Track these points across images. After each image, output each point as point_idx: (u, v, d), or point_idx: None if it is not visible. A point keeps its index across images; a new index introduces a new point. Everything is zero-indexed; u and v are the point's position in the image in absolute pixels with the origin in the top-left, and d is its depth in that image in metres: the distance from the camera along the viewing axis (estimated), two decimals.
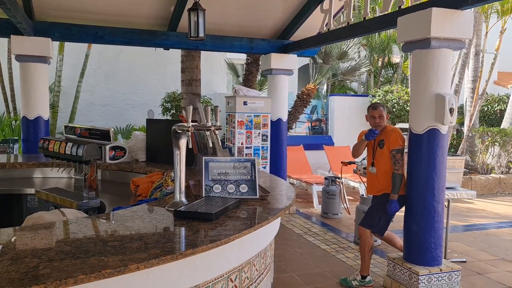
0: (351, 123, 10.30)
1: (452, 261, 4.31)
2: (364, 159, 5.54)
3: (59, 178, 4.13)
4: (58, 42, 8.83)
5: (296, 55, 6.84)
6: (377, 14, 4.60)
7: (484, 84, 9.65)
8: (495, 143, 9.34)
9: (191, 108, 2.42)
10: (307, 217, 6.68)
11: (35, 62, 5.44)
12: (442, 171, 3.79)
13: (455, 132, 10.87)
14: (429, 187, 3.76)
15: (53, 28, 5.50)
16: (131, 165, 4.06)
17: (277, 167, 6.70)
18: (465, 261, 4.79)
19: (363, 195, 5.64)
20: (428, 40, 3.62)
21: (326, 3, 5.29)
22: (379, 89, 11.03)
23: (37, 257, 1.58)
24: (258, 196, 2.66)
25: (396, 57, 13.74)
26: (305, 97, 9.69)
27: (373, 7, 10.79)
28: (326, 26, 5.31)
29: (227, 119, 6.72)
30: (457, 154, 9.15)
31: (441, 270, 3.84)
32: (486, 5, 9.00)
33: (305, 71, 13.13)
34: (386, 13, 4.29)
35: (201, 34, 4.71)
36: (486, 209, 7.60)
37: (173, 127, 2.44)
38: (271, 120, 6.61)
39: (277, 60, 6.63)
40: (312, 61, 11.52)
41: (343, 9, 5.22)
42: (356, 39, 11.32)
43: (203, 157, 2.76)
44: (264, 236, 2.58)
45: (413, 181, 3.87)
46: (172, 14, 5.80)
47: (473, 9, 8.01)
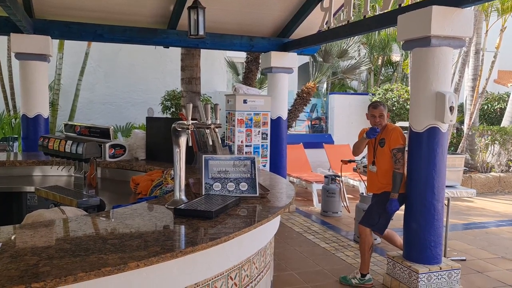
0: (351, 121, 10.30)
1: (452, 260, 4.32)
2: (364, 157, 5.54)
3: (59, 176, 4.13)
4: (58, 40, 8.82)
5: (296, 53, 6.83)
6: (377, 12, 4.60)
7: (484, 83, 9.65)
8: (495, 142, 9.34)
9: (191, 106, 2.41)
10: (307, 216, 6.69)
11: (34, 60, 5.43)
12: (442, 169, 3.79)
13: (455, 131, 10.87)
14: (429, 185, 3.76)
15: (53, 26, 5.50)
16: (131, 163, 4.06)
17: (277, 166, 6.70)
18: (464, 260, 4.80)
19: (362, 193, 5.63)
20: (428, 38, 3.62)
21: (326, 1, 5.29)
22: (379, 87, 11.03)
23: (37, 255, 1.58)
24: (258, 194, 2.66)
25: (396, 56, 13.73)
26: (305, 95, 9.68)
27: (373, 5, 10.76)
28: (326, 24, 5.31)
29: (227, 117, 6.72)
30: (457, 152, 9.16)
31: (440, 269, 3.84)
32: (486, 4, 8.99)
33: (305, 69, 13.13)
34: (386, 11, 4.29)
35: (201, 32, 4.70)
36: (486, 207, 7.61)
37: (173, 125, 2.43)
38: (271, 119, 6.60)
39: (277, 58, 6.63)
40: (312, 59, 11.52)
41: (343, 7, 5.22)
42: (356, 37, 11.32)
43: (203, 155, 2.75)
44: (264, 234, 2.58)
45: (413, 179, 3.87)
46: (172, 12, 5.79)
47: (473, 7, 8.00)
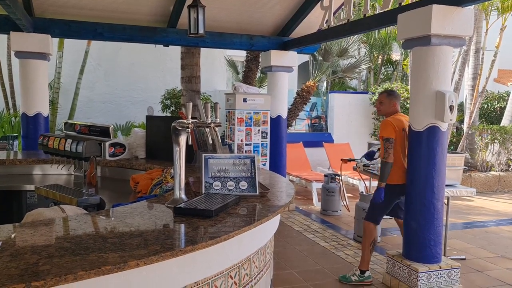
0: (350, 120, 10.29)
1: (452, 259, 4.32)
2: (363, 156, 5.54)
3: (58, 174, 4.13)
4: (58, 39, 8.81)
5: (296, 52, 6.82)
6: (377, 11, 4.59)
7: (484, 82, 9.65)
8: (495, 141, 9.33)
9: (191, 105, 2.41)
10: (306, 214, 6.69)
11: (34, 59, 5.43)
12: (442, 168, 3.79)
13: (455, 130, 10.87)
14: (429, 184, 3.76)
15: (53, 25, 5.49)
16: (130, 162, 4.06)
17: (277, 164, 6.70)
18: (464, 259, 4.80)
19: (362, 192, 5.64)
20: (428, 37, 3.62)
21: (326, 0, 5.28)
22: (379, 86, 11.03)
23: (37, 254, 1.58)
24: (257, 193, 2.66)
25: (396, 55, 13.72)
26: (305, 94, 9.68)
27: (373, 4, 10.77)
28: (326, 23, 5.30)
29: (226, 116, 6.72)
30: (456, 151, 9.17)
31: (440, 268, 3.85)
32: (486, 2, 8.99)
33: (305, 68, 13.13)
34: (386, 10, 4.28)
35: (200, 31, 4.70)
36: (486, 206, 7.61)
37: (172, 124, 2.43)
38: (270, 117, 6.60)
39: (277, 57, 6.62)
40: (312, 58, 11.52)
41: (343, 6, 5.21)
42: (356, 36, 11.32)
43: (203, 154, 2.75)
44: (263, 233, 2.58)
45: (413, 178, 3.87)
46: (172, 11, 5.78)
47: (473, 6, 8.00)
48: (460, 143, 9.71)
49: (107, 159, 3.74)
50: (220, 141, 2.88)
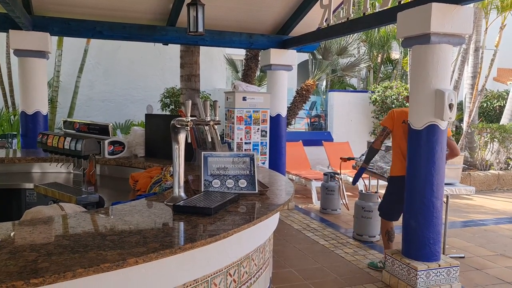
0: (350, 119, 10.29)
1: (451, 257, 4.32)
2: (363, 154, 5.53)
3: (58, 173, 4.13)
4: (57, 37, 8.79)
5: (295, 51, 6.82)
6: (377, 10, 4.59)
7: (483, 80, 9.64)
8: (494, 140, 9.34)
9: (190, 102, 2.41)
10: (306, 213, 6.69)
11: (33, 57, 5.42)
12: (441, 167, 3.79)
13: (454, 128, 10.88)
14: (428, 183, 3.76)
15: (52, 23, 5.48)
16: (130, 160, 4.06)
17: (276, 163, 6.70)
18: (463, 257, 4.81)
19: (362, 190, 5.64)
20: (427, 36, 3.61)
21: None
22: (379, 85, 11.02)
23: (36, 251, 1.58)
24: (257, 191, 2.66)
25: (396, 53, 13.73)
26: (304, 93, 9.68)
27: (372, 2, 10.74)
28: (325, 22, 5.29)
29: (226, 114, 6.71)
30: None
31: (439, 266, 3.85)
32: (486, 1, 8.99)
33: (305, 66, 13.13)
34: (386, 8, 4.28)
35: (200, 29, 4.69)
36: (485, 205, 7.62)
37: (172, 122, 2.43)
38: (270, 116, 6.60)
39: (277, 56, 6.62)
40: (311, 56, 11.51)
41: (342, 5, 5.21)
42: (356, 35, 11.32)
43: (202, 152, 2.75)
44: (263, 231, 2.58)
45: (412, 176, 3.87)
46: (171, 9, 5.78)
47: (473, 4, 7.99)
48: (460, 142, 9.70)
49: (106, 157, 3.75)
50: (219, 139, 2.88)
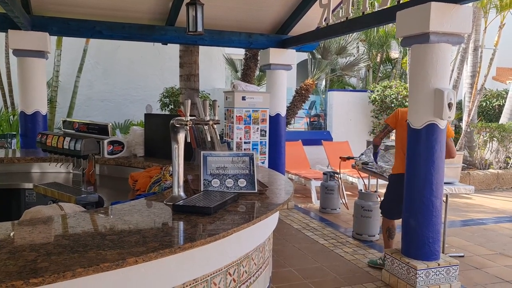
0: (349, 118, 10.30)
1: (450, 256, 4.32)
2: (362, 154, 5.54)
3: (57, 173, 4.12)
4: (56, 37, 8.78)
5: (294, 50, 6.82)
6: (376, 9, 4.59)
7: (482, 80, 9.65)
8: (493, 139, 9.35)
9: (189, 102, 2.41)
10: (305, 212, 6.69)
11: (32, 57, 5.42)
12: (441, 166, 3.79)
13: (453, 128, 10.88)
14: (427, 182, 3.77)
15: (51, 23, 5.48)
16: (129, 160, 4.06)
17: (276, 162, 6.70)
18: (463, 256, 4.81)
19: (361, 190, 5.64)
20: (427, 35, 3.62)
21: None
22: (378, 84, 11.02)
23: (35, 251, 1.58)
24: (256, 191, 2.66)
25: (395, 53, 13.73)
26: (303, 92, 9.68)
27: (371, 2, 10.74)
28: (324, 21, 5.30)
29: (225, 114, 6.71)
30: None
31: (439, 265, 3.86)
32: (485, 0, 8.99)
33: (304, 66, 13.12)
34: (385, 7, 4.28)
35: (199, 29, 4.69)
36: (484, 204, 7.62)
37: (171, 121, 2.43)
38: (269, 115, 6.60)
39: (276, 55, 6.62)
40: (310, 56, 11.50)
41: (342, 4, 5.21)
42: (355, 34, 11.32)
43: (202, 152, 2.75)
44: (262, 230, 2.58)
45: (412, 176, 3.87)
46: (171, 9, 5.77)
47: (472, 3, 7.99)
48: (459, 141, 9.71)
49: (105, 157, 3.74)
50: (218, 138, 2.88)
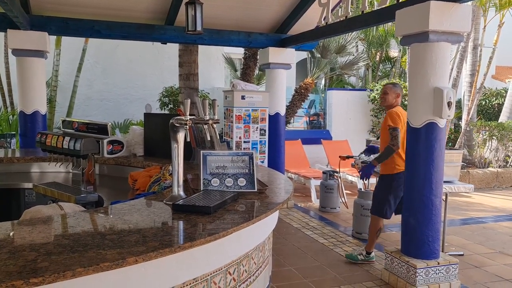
0: (349, 117, 10.30)
1: (450, 255, 4.33)
2: (361, 153, 5.54)
3: (57, 172, 4.12)
4: (55, 37, 8.78)
5: (294, 49, 6.81)
6: (375, 8, 4.59)
7: (482, 78, 9.65)
8: (493, 137, 9.35)
9: (189, 101, 2.41)
10: (305, 211, 6.69)
11: (32, 57, 5.42)
12: (440, 164, 3.79)
13: (452, 126, 10.89)
14: (427, 180, 3.77)
15: (50, 22, 5.47)
16: (129, 159, 4.06)
17: (275, 162, 6.70)
18: (462, 255, 4.82)
19: (360, 189, 5.64)
20: (426, 34, 3.61)
21: None
22: (377, 83, 11.02)
23: (35, 251, 1.58)
24: (256, 190, 2.66)
25: (394, 51, 13.73)
26: (303, 91, 9.67)
27: (371, 0, 10.74)
28: (324, 20, 5.29)
29: (225, 113, 6.71)
30: (454, 148, 9.17)
31: (438, 264, 3.86)
32: None
33: (303, 65, 13.11)
34: (384, 6, 4.28)
35: (198, 28, 4.68)
36: (484, 202, 7.63)
37: (171, 121, 2.43)
38: (269, 115, 6.60)
39: (275, 54, 6.61)
40: (310, 55, 11.50)
41: (341, 3, 5.21)
42: (354, 33, 11.29)
43: (201, 151, 2.75)
44: (262, 229, 2.59)
45: (411, 174, 3.88)
46: (170, 8, 5.77)
47: (471, 2, 7.99)
48: (458, 140, 9.72)
49: (105, 156, 3.74)
50: (218, 137, 2.88)
